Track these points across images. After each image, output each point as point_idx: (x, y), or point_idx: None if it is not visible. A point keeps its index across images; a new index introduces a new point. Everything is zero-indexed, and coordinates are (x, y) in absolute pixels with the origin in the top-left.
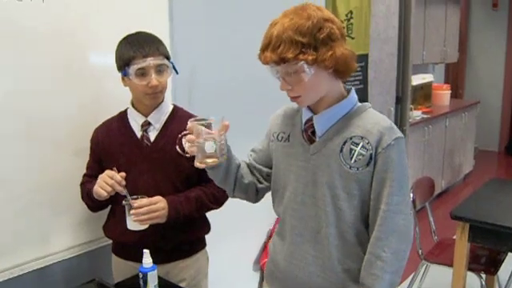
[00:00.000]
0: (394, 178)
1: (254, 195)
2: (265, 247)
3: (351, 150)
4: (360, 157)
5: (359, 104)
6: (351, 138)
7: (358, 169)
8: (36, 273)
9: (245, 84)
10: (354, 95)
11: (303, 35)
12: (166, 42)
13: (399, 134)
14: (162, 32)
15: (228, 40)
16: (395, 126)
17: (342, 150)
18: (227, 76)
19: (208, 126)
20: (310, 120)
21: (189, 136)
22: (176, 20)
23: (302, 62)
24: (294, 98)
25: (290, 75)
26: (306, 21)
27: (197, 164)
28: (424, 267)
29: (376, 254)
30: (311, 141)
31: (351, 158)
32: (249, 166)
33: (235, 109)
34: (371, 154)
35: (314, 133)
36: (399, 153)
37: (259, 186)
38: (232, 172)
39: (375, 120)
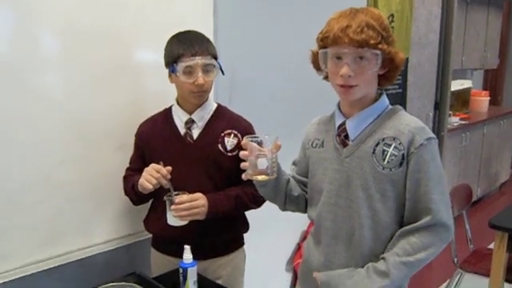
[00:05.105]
0: (428, 178)
1: (304, 206)
2: (298, 248)
3: (384, 151)
4: (393, 157)
5: (390, 107)
6: (383, 140)
7: (390, 169)
8: (77, 263)
9: (285, 85)
10: (385, 98)
11: (383, 29)
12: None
13: (431, 134)
14: (206, 31)
15: (271, 42)
16: (427, 127)
17: (374, 152)
18: (269, 77)
19: (261, 144)
20: (342, 124)
21: (242, 152)
22: (220, 19)
23: (380, 52)
24: (348, 88)
25: (358, 62)
26: (382, 17)
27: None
28: (459, 276)
29: (405, 236)
30: (344, 144)
31: (384, 159)
32: (293, 179)
33: (275, 110)
34: (403, 155)
35: (347, 136)
36: (432, 152)
37: (307, 196)
38: (281, 189)
39: (407, 121)
